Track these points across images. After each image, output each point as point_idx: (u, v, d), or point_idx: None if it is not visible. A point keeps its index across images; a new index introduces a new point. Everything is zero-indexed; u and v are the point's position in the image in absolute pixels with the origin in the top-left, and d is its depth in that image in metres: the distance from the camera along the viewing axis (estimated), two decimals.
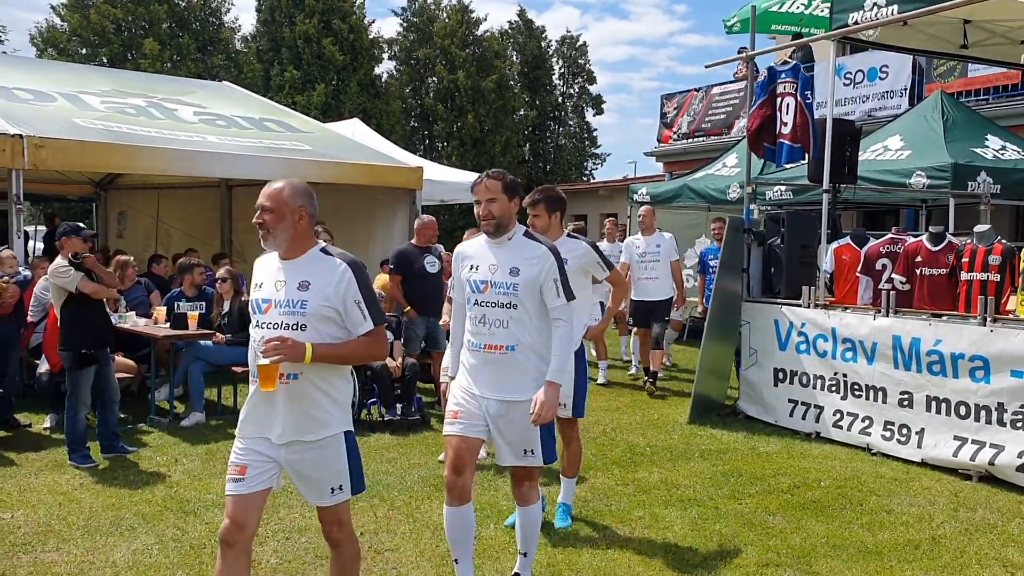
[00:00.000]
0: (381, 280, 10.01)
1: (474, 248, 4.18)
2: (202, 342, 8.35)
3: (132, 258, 9.33)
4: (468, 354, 4.13)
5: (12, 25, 65.49)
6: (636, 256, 10.00)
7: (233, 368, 8.36)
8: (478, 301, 4.05)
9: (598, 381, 10.23)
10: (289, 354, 3.20)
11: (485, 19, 38.54)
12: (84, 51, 28.99)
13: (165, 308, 8.68)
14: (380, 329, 3.40)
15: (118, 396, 7.13)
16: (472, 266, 4.11)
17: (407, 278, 8.56)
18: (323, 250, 3.42)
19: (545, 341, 4.02)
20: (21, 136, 8.02)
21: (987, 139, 11.32)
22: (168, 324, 8.48)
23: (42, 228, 17.54)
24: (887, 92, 16.05)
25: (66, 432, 6.67)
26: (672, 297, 10.08)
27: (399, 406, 8.00)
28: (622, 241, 11.01)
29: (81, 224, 7.10)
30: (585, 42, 43.53)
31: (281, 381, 3.30)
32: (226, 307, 8.69)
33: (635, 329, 10.90)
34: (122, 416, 8.13)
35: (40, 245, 16.22)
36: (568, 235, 5.20)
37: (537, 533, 4.40)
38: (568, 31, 44.47)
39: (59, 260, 6.64)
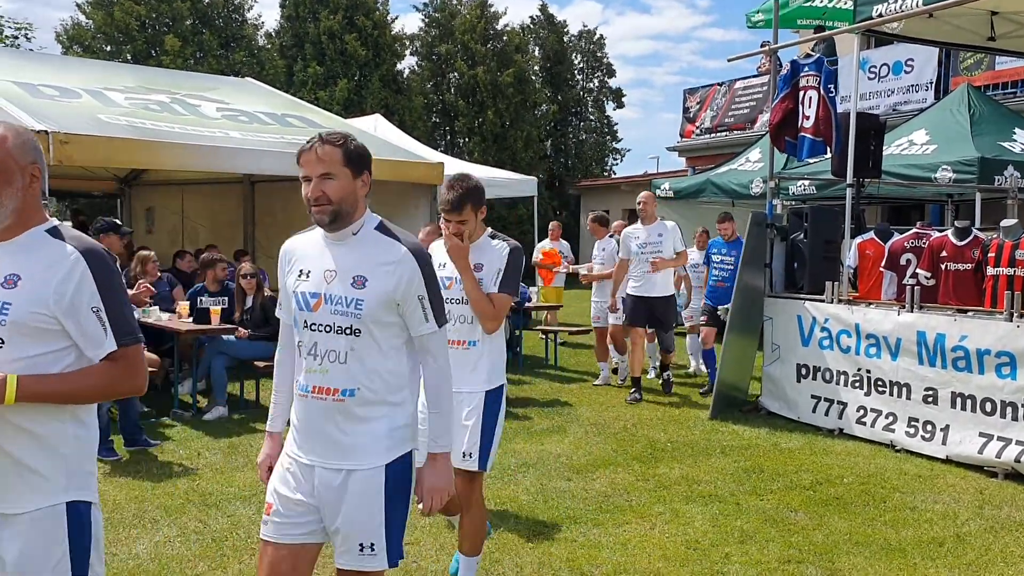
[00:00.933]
0: None
1: (305, 246, 2.91)
2: (225, 337, 8.40)
3: (153, 253, 9.40)
4: (296, 402, 2.90)
5: (38, 23, 66.18)
6: (635, 247, 8.93)
7: (256, 363, 8.41)
8: (307, 323, 2.80)
9: (608, 378, 10.18)
10: None
11: (504, 13, 38.41)
12: (109, 48, 29.22)
13: (188, 303, 8.75)
14: (130, 351, 2.38)
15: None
16: (301, 271, 2.86)
17: None
18: (52, 230, 2.37)
19: (399, 385, 2.79)
20: (47, 132, 8.08)
21: (1015, 133, 11.19)
22: (191, 319, 8.54)
23: (67, 224, 17.70)
24: (912, 86, 15.90)
25: None
26: (674, 295, 9.39)
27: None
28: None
29: (118, 221, 7.11)
30: (603, 36, 43.34)
31: None
32: (249, 302, 8.74)
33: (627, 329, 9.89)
34: (145, 409, 8.20)
35: None
36: (490, 235, 4.15)
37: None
38: (585, 25, 44.34)
39: None
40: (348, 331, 2.71)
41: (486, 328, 4.03)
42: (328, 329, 2.72)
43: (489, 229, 4.15)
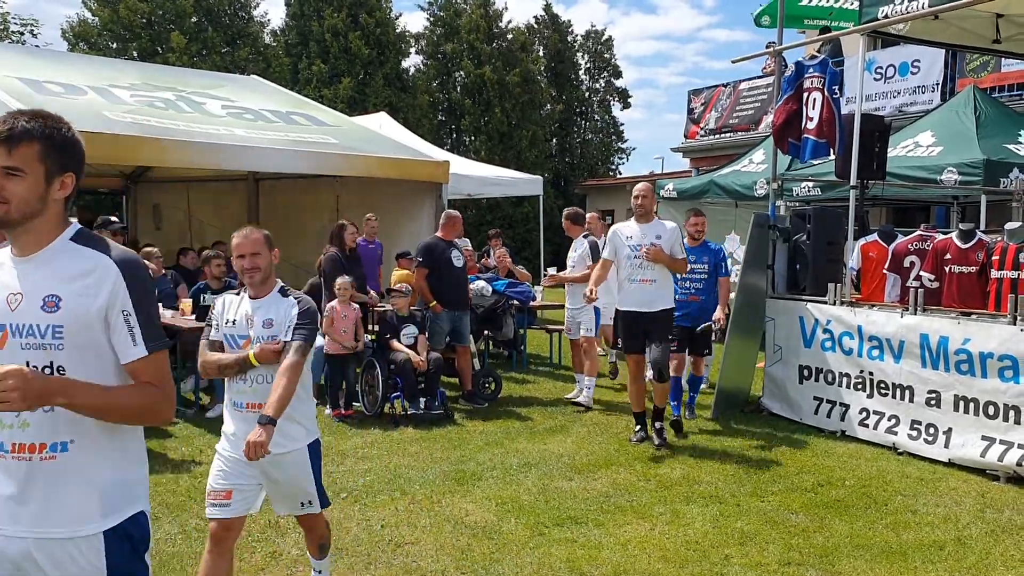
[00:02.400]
0: (398, 275, 10.05)
1: None
2: None
3: (156, 249, 9.42)
4: None
5: (44, 19, 66.17)
6: (626, 249, 7.17)
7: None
8: None
9: (579, 399, 8.80)
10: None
11: (505, 9, 38.33)
12: (115, 45, 29.24)
13: (191, 300, 8.76)
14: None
15: None
16: None
17: (433, 272, 8.58)
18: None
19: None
20: None
21: (1020, 135, 11.15)
22: (194, 316, 8.55)
23: (73, 220, 17.71)
24: (918, 87, 15.86)
25: None
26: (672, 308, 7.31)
27: (423, 400, 8.02)
28: None
29: (112, 218, 7.04)
30: (611, 36, 43.31)
31: None
32: None
33: (618, 355, 9.31)
34: None
35: None
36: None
37: None
38: (593, 25, 44.32)
39: None
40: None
41: None
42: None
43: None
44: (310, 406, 3.95)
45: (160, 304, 8.80)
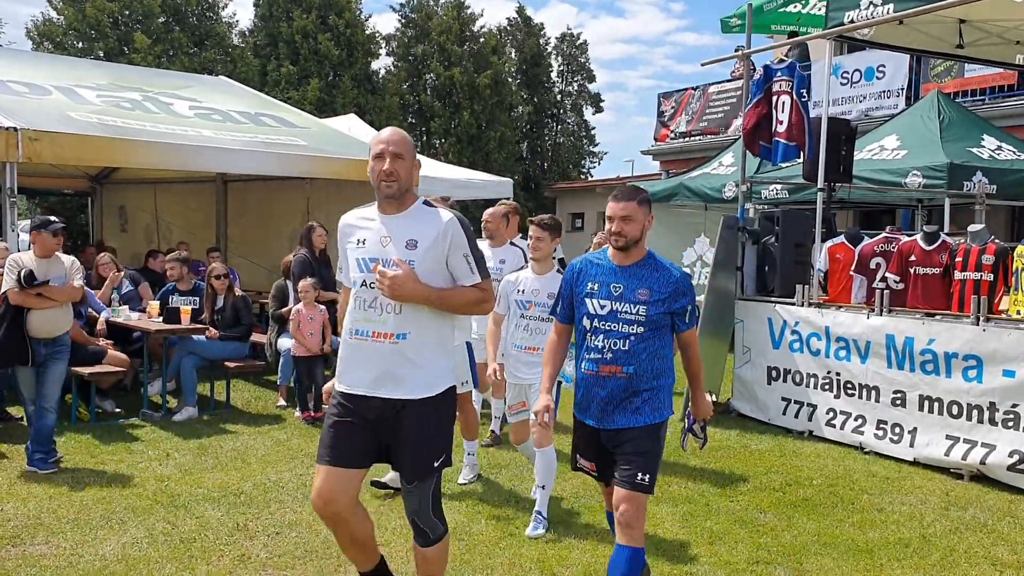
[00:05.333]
0: None
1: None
2: (195, 336, 8.33)
3: (106, 255, 9.35)
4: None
5: (8, 18, 65.42)
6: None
7: (226, 363, 8.36)
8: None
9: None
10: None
11: (481, 14, 38.48)
12: (80, 45, 28.89)
13: (159, 302, 8.68)
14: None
15: (53, 404, 6.31)
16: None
17: None
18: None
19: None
20: (15, 129, 7.99)
21: (983, 139, 11.34)
22: (161, 318, 8.47)
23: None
24: (884, 91, 16.08)
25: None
26: None
27: None
28: None
29: (52, 217, 6.74)
30: (586, 40, 43.50)
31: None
32: (220, 302, 8.67)
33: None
34: (116, 410, 8.13)
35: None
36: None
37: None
38: (569, 28, 44.47)
39: (26, 252, 6.44)
40: None
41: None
42: None
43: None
44: None
45: (126, 307, 8.73)
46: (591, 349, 3.86)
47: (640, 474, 3.75)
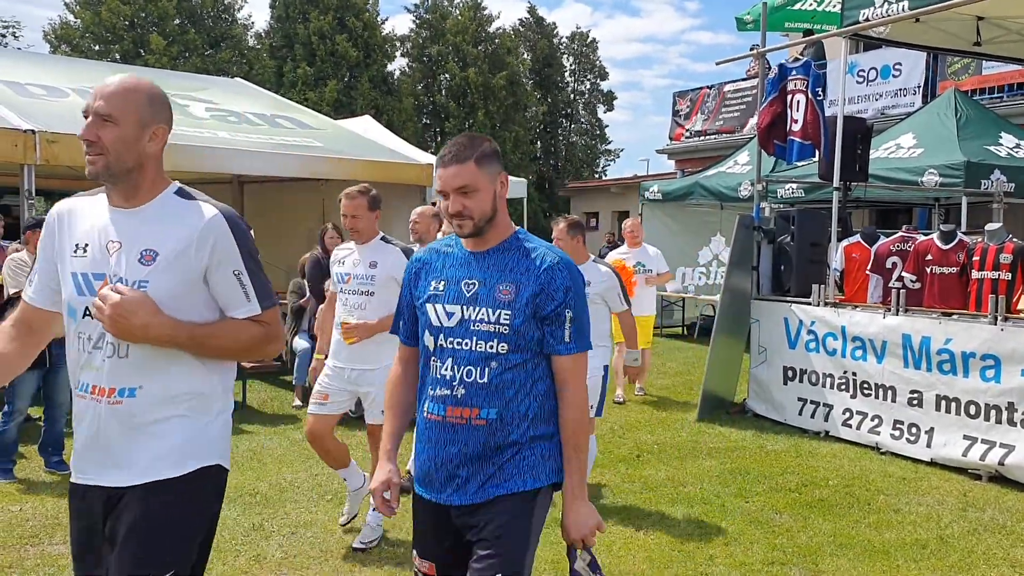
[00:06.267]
0: None
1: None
2: None
3: None
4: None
5: (26, 21, 65.88)
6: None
7: (242, 363, 8.39)
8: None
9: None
10: None
11: (498, 16, 38.52)
12: (97, 47, 29.13)
13: None
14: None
15: (66, 409, 6.27)
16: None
17: None
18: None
19: None
20: (33, 131, 8.05)
21: (1001, 137, 11.26)
22: None
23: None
24: (900, 90, 15.99)
25: None
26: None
27: None
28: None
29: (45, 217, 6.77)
30: (596, 39, 43.45)
31: None
32: None
33: None
34: None
35: None
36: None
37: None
38: (579, 27, 44.36)
39: (23, 252, 6.40)
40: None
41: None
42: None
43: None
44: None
45: None
46: (436, 382, 2.59)
47: (499, 574, 2.51)
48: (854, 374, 7.51)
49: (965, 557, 4.91)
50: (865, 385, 7.43)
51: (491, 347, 2.53)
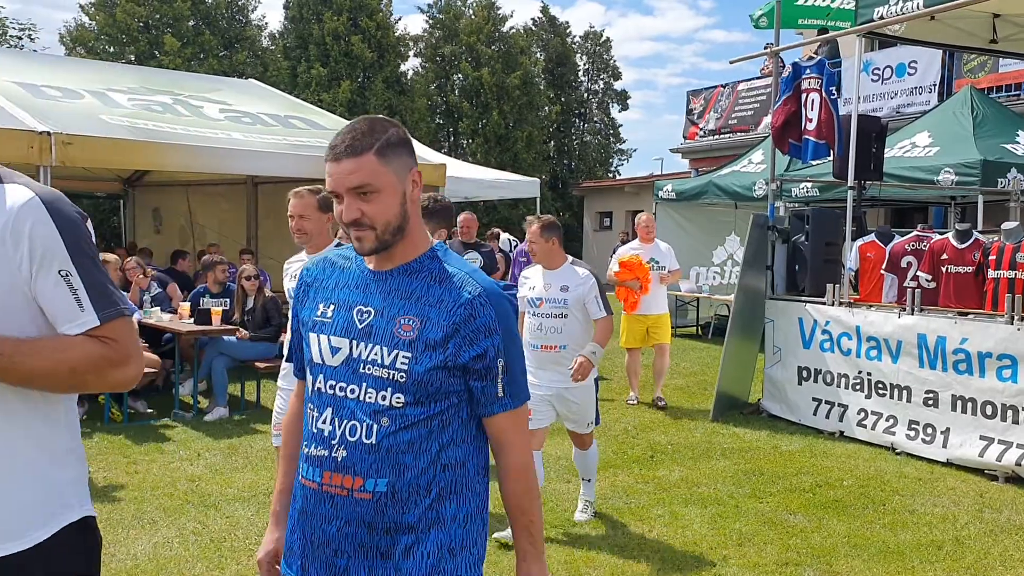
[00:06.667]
0: None
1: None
2: (226, 338, 8.42)
3: (115, 257, 9.40)
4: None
5: (42, 24, 66.37)
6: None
7: (256, 364, 8.42)
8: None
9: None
10: None
11: (511, 15, 38.51)
12: (112, 49, 29.29)
13: (189, 304, 8.77)
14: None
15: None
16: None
17: None
18: None
19: None
20: (49, 133, 8.10)
21: (1018, 135, 11.17)
22: (192, 320, 8.56)
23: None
24: (916, 88, 15.89)
25: None
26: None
27: None
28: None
29: None
30: (609, 38, 43.39)
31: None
32: (250, 303, 8.74)
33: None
34: (148, 411, 8.22)
35: None
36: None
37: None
38: (592, 27, 44.30)
39: None
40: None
41: None
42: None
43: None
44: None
45: (158, 308, 8.85)
46: (312, 439, 2.02)
47: None
48: (869, 374, 7.47)
49: (981, 559, 4.87)
50: (880, 385, 7.38)
51: (383, 398, 1.94)
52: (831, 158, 9.01)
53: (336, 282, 2.08)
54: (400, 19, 44.23)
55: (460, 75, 34.02)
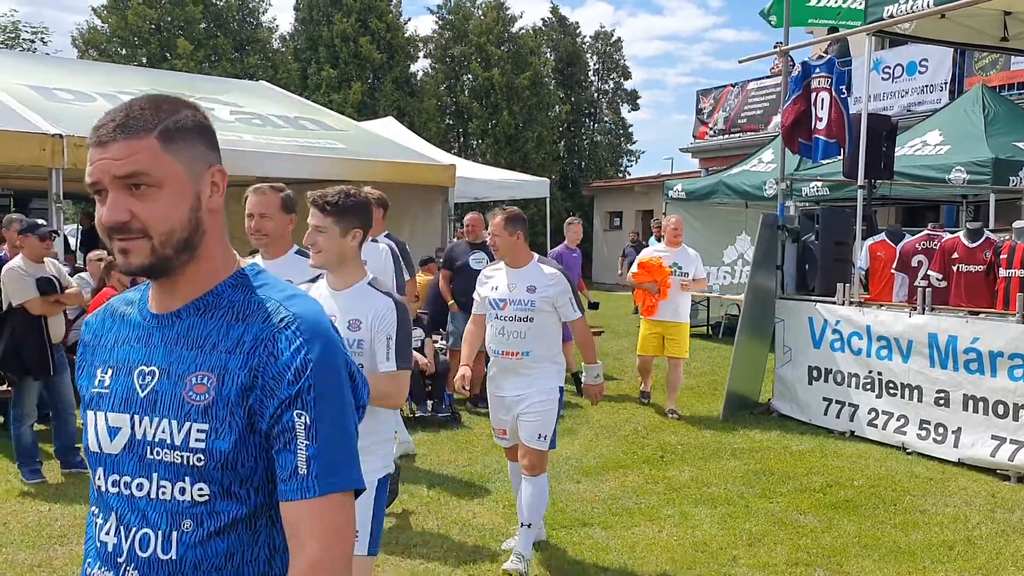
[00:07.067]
0: (423, 280, 10.12)
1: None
2: None
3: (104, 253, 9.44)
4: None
5: (54, 27, 66.75)
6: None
7: None
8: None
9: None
10: None
11: (520, 16, 38.48)
12: (124, 52, 29.42)
13: None
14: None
15: (74, 408, 6.28)
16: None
17: (454, 274, 8.69)
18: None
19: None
20: (61, 136, 8.16)
21: None
22: None
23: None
24: (927, 86, 15.82)
25: (14, 447, 6.20)
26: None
27: (429, 403, 8.03)
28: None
29: (40, 220, 6.68)
30: (620, 38, 43.36)
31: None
32: None
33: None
34: None
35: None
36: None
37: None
38: (602, 26, 44.21)
39: (17, 260, 6.24)
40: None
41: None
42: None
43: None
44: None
45: None
46: (97, 557, 1.49)
47: None
48: (880, 374, 7.45)
49: (993, 559, 4.85)
50: (891, 385, 7.36)
51: (181, 491, 1.41)
52: (841, 157, 8.99)
53: (116, 337, 1.54)
54: (409, 20, 44.26)
55: (470, 76, 34.02)
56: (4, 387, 6.69)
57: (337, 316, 3.06)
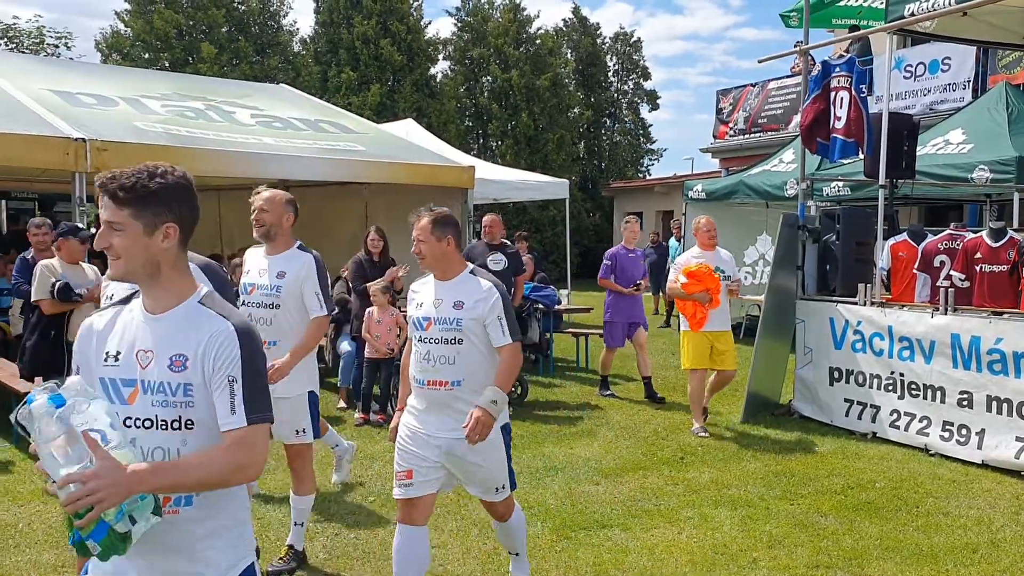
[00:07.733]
0: None
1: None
2: None
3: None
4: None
5: (78, 32, 67.30)
6: None
7: None
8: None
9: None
10: None
11: (537, 16, 38.41)
12: (147, 56, 29.64)
13: None
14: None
15: None
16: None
17: None
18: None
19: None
20: (84, 140, 8.23)
21: None
22: None
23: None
24: (949, 84, 15.67)
25: None
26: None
27: None
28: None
29: (80, 225, 6.89)
30: (640, 38, 43.25)
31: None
32: None
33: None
34: None
35: None
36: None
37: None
38: (622, 27, 44.17)
39: (54, 260, 6.48)
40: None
41: None
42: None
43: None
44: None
45: None
46: None
47: None
48: (902, 375, 7.40)
49: (1017, 562, 4.80)
50: (913, 386, 7.31)
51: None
52: (859, 157, 8.93)
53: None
54: (430, 23, 44.44)
55: (489, 77, 34.05)
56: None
57: (152, 353, 2.20)
